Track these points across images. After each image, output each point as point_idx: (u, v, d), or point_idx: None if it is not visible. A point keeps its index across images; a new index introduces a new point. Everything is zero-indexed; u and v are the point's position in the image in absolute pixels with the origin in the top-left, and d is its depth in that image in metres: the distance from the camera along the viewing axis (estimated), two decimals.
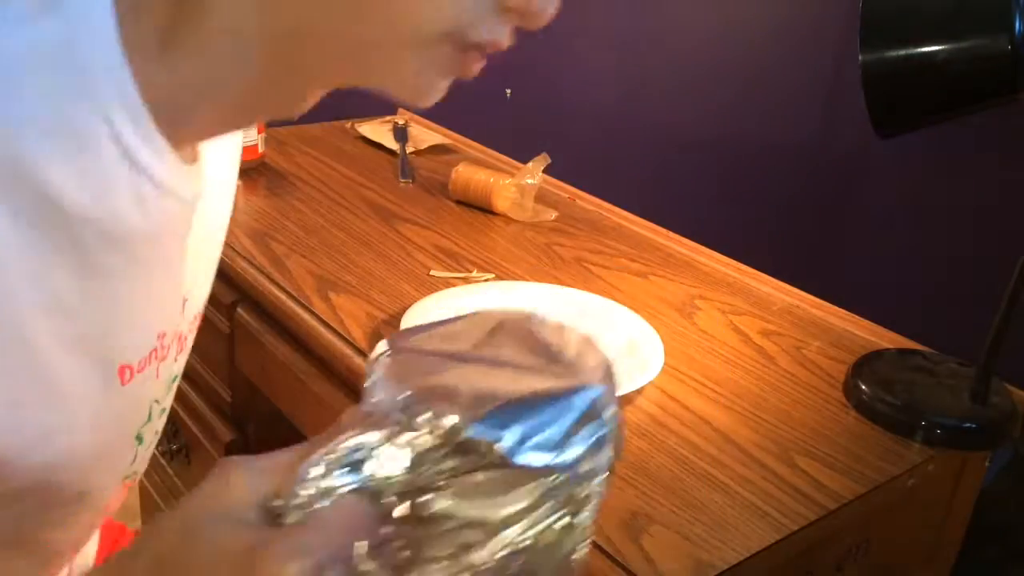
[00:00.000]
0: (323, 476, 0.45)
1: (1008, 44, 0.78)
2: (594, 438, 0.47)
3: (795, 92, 1.29)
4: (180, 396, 1.35)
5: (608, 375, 0.50)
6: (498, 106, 1.76)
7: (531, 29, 0.53)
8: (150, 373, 0.61)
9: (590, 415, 0.47)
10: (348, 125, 1.71)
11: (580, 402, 0.47)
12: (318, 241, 1.21)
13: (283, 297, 1.07)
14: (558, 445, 0.46)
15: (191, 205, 0.55)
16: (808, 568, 0.82)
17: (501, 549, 0.47)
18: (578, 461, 0.47)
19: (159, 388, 0.67)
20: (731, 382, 0.97)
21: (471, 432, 0.45)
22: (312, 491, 0.45)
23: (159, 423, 0.71)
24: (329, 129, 1.69)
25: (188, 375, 1.33)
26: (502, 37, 0.53)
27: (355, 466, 0.46)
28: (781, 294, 1.20)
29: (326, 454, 0.46)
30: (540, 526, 0.47)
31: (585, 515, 0.48)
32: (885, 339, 1.09)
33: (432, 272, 1.16)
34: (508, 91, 1.74)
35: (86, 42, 0.46)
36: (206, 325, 1.22)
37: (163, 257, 0.57)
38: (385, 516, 0.46)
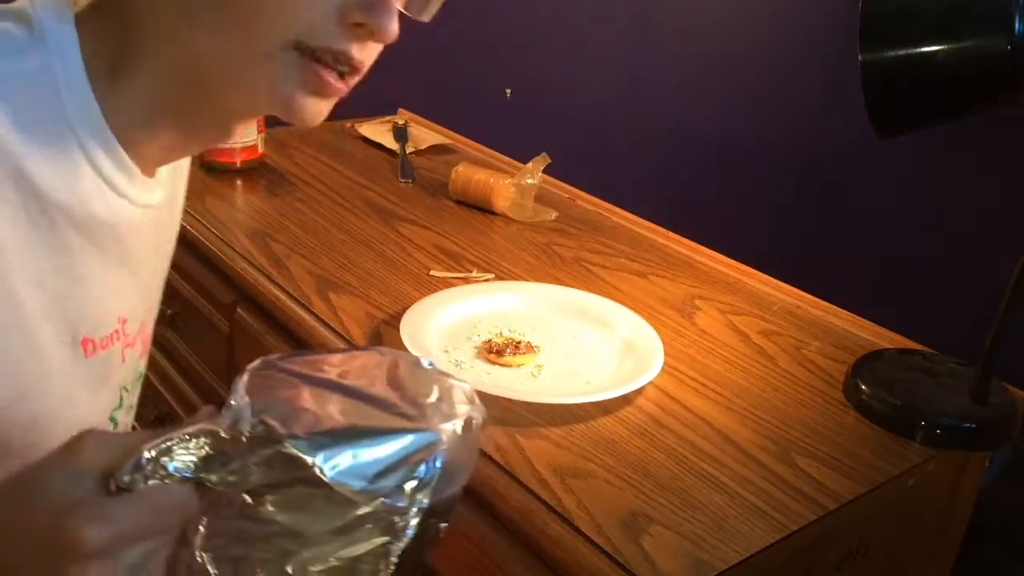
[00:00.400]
0: (154, 460, 0.49)
1: (1008, 44, 0.78)
2: (412, 476, 0.51)
3: (795, 92, 1.29)
4: (180, 396, 1.35)
5: (463, 428, 0.53)
6: (498, 106, 1.76)
7: (380, 43, 0.61)
8: (114, 353, 0.70)
9: (415, 457, 0.51)
10: (348, 125, 1.71)
11: (407, 442, 0.51)
12: (318, 241, 1.21)
13: (283, 297, 1.07)
14: (374, 475, 0.50)
15: (148, 211, 0.67)
16: (808, 568, 0.82)
17: (316, 563, 0.51)
18: (391, 494, 0.50)
19: (126, 374, 0.74)
20: (731, 382, 0.97)
21: (291, 447, 0.49)
22: (141, 471, 0.49)
23: (129, 418, 0.78)
24: (329, 129, 1.69)
25: (188, 375, 1.33)
26: (350, 49, 0.59)
27: (187, 458, 0.50)
28: (781, 294, 1.20)
29: (163, 442, 0.49)
30: (356, 549, 0.51)
31: (399, 546, 0.51)
32: (885, 339, 1.09)
33: (432, 272, 1.16)
34: (508, 91, 1.74)
35: (60, 70, 0.59)
36: (206, 325, 1.22)
37: (122, 250, 0.67)
38: (212, 509, 0.50)
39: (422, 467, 0.51)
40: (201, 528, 0.51)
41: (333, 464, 0.49)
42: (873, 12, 0.82)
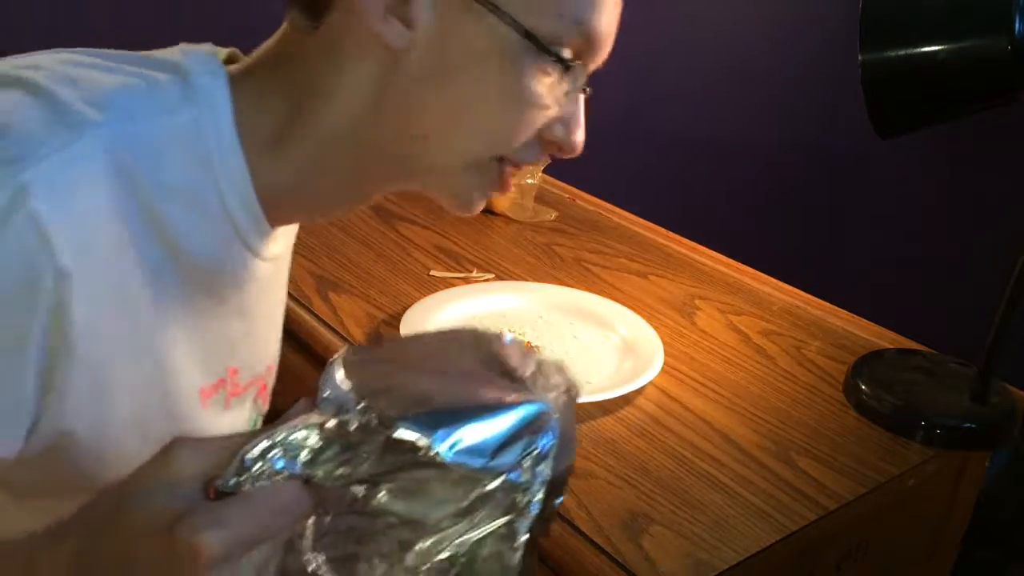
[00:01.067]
0: (259, 459, 0.46)
1: (1008, 44, 0.78)
2: (530, 449, 0.48)
3: (795, 92, 1.29)
4: None
5: (566, 399, 0.51)
6: None
7: (566, 157, 0.66)
8: (217, 401, 0.70)
9: (530, 428, 0.48)
10: None
11: (521, 415, 0.48)
12: (318, 241, 1.21)
13: None
14: (492, 452, 0.47)
15: (269, 264, 0.67)
16: (808, 568, 0.82)
17: (437, 553, 0.48)
18: (512, 469, 0.48)
19: (232, 422, 0.73)
20: (731, 382, 0.97)
21: (403, 428, 0.46)
22: (247, 473, 0.46)
23: None
24: None
25: None
26: (538, 159, 0.65)
27: (293, 454, 0.47)
28: (781, 294, 1.20)
29: (266, 440, 0.47)
30: (477, 532, 0.49)
31: (524, 524, 0.49)
32: (885, 339, 1.09)
33: (432, 272, 1.16)
34: None
35: (212, 128, 0.59)
36: None
37: (241, 301, 0.68)
38: (321, 506, 0.47)
39: (540, 438, 0.49)
40: (309, 529, 0.49)
41: (450, 444, 0.47)
42: (873, 12, 0.82)
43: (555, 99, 0.61)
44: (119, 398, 0.60)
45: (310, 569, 0.49)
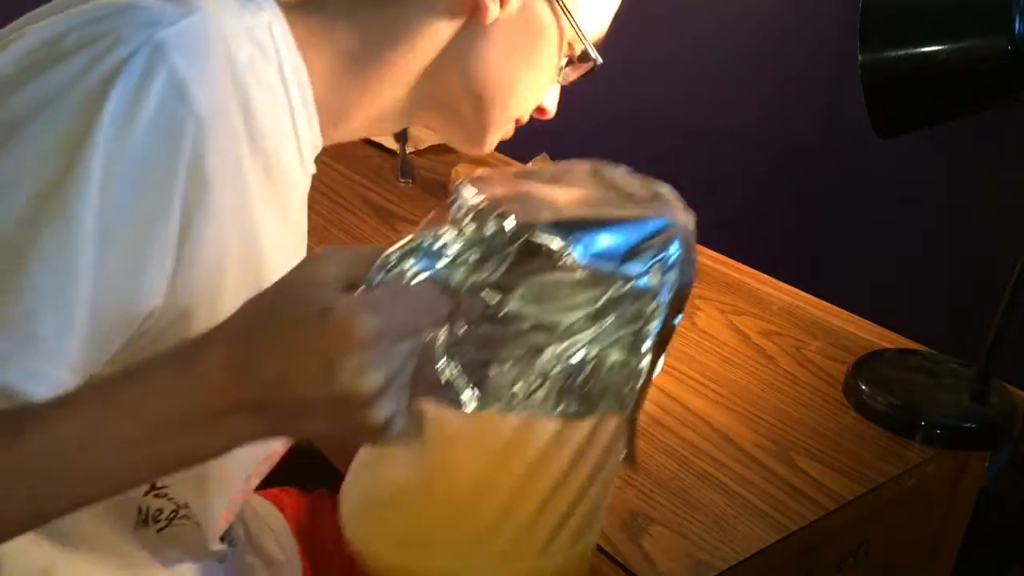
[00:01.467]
0: (401, 261, 0.49)
1: (1008, 44, 0.78)
2: (659, 257, 0.50)
3: (795, 92, 1.29)
4: None
5: (685, 219, 0.53)
6: None
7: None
8: None
9: (658, 239, 0.50)
10: None
11: (649, 226, 0.50)
12: (318, 241, 1.21)
13: None
14: (623, 257, 0.49)
15: (308, 181, 0.75)
16: (808, 568, 0.82)
17: (568, 357, 0.50)
18: (641, 276, 0.50)
19: None
20: (731, 382, 0.97)
21: (541, 232, 0.48)
22: (390, 274, 0.49)
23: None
24: None
25: None
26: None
27: (432, 258, 0.49)
28: (781, 294, 1.20)
29: (406, 244, 0.50)
30: (607, 338, 0.50)
31: (652, 331, 0.51)
32: (885, 339, 1.09)
33: None
34: None
35: (281, 36, 0.65)
36: None
37: (285, 208, 0.71)
38: (455, 313, 0.50)
39: (668, 248, 0.51)
40: (442, 337, 0.50)
41: (584, 247, 0.48)
42: (873, 12, 0.82)
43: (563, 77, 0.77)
44: (230, 286, 0.62)
45: (443, 379, 0.50)
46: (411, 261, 0.49)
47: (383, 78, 0.70)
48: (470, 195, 0.51)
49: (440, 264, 0.49)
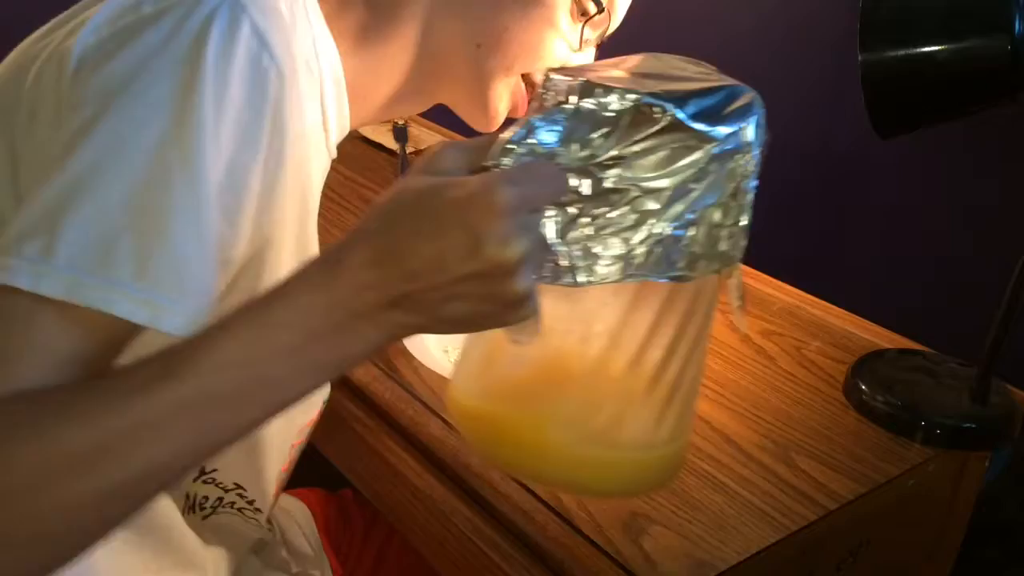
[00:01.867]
0: (520, 142, 0.53)
1: (1008, 44, 0.78)
2: (749, 116, 0.56)
3: (795, 92, 1.29)
4: None
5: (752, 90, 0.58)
6: None
7: None
8: None
9: (740, 101, 0.56)
10: None
11: (733, 92, 0.56)
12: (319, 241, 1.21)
13: None
14: (720, 119, 0.54)
15: (329, 165, 0.76)
16: (808, 568, 0.82)
17: (675, 218, 0.54)
18: (735, 133, 0.55)
19: None
20: (731, 382, 0.97)
21: (646, 97, 0.53)
22: (510, 155, 0.52)
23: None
24: None
25: None
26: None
27: (546, 136, 0.53)
28: (781, 294, 1.20)
29: (519, 128, 0.53)
30: (709, 197, 0.55)
31: (749, 184, 0.57)
32: (885, 339, 1.09)
33: None
34: None
35: (314, 14, 0.67)
36: None
37: (308, 193, 0.73)
38: (567, 183, 0.53)
39: (753, 109, 0.56)
40: (555, 218, 0.53)
41: (686, 111, 0.53)
42: (873, 12, 0.82)
43: (574, 37, 0.75)
44: (288, 240, 0.67)
45: (561, 260, 0.54)
46: (528, 142, 0.53)
47: (392, 44, 0.72)
48: (563, 81, 0.55)
49: (552, 141, 0.53)
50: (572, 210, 0.54)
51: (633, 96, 0.53)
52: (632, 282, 0.56)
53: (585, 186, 0.53)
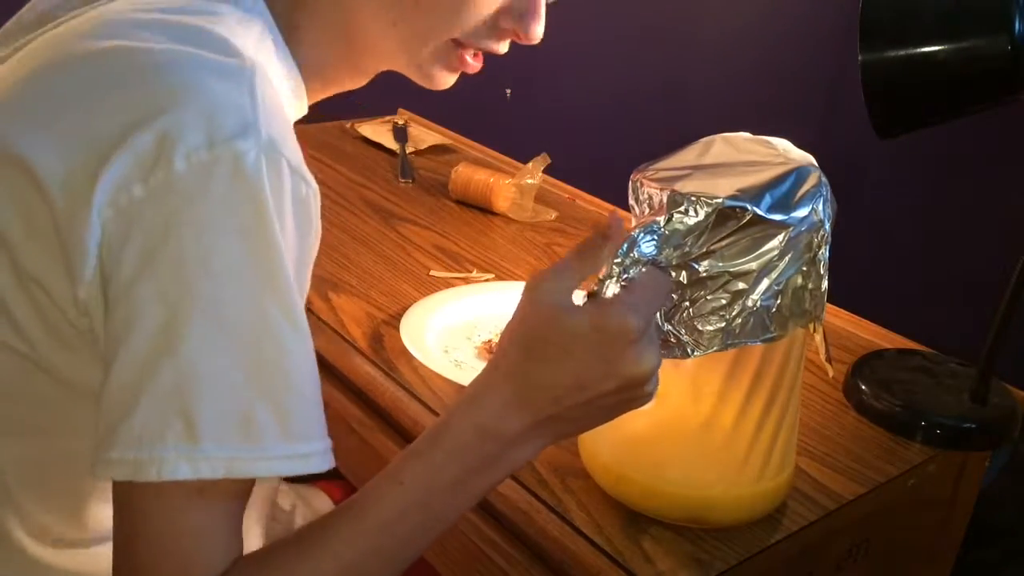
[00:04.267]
0: (623, 258, 0.62)
1: (1008, 44, 0.78)
2: (816, 197, 0.65)
3: (795, 92, 1.29)
4: None
5: (812, 162, 0.68)
6: (498, 106, 1.76)
7: (524, 43, 0.75)
8: None
9: (808, 183, 0.65)
10: (348, 125, 1.71)
11: (800, 177, 0.65)
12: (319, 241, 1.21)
13: None
14: (792, 206, 0.64)
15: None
16: (808, 568, 0.82)
17: (763, 292, 0.65)
18: (807, 216, 0.64)
19: None
20: None
21: (727, 203, 0.62)
22: (618, 268, 0.61)
23: None
24: (329, 129, 1.69)
25: None
26: (497, 48, 0.75)
27: (644, 248, 0.62)
28: None
29: (624, 242, 0.62)
30: (790, 270, 0.65)
31: (823, 253, 0.66)
32: (885, 339, 1.09)
33: (432, 272, 1.16)
34: (508, 91, 1.74)
35: (270, 25, 0.68)
36: None
37: None
38: (671, 283, 0.64)
39: (820, 189, 0.65)
40: (668, 303, 0.64)
41: (760, 205, 0.63)
42: (873, 12, 0.82)
43: None
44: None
45: (670, 340, 0.65)
46: (632, 255, 0.62)
47: (321, 35, 0.72)
48: (654, 192, 0.66)
49: (651, 252, 0.62)
50: (675, 297, 0.64)
51: (716, 202, 0.62)
52: (733, 348, 0.66)
53: (683, 276, 0.64)
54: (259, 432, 0.56)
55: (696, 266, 0.64)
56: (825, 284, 0.67)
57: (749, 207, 0.62)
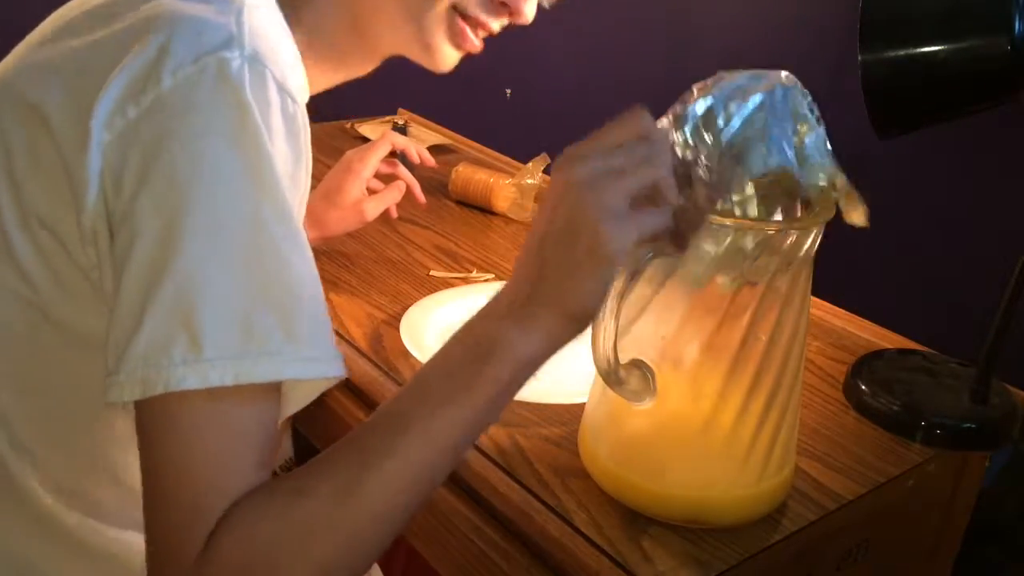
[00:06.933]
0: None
1: (1008, 44, 0.78)
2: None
3: None
4: None
5: (779, 77, 0.73)
6: (498, 106, 1.76)
7: (515, 23, 0.77)
8: None
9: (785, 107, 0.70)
10: (348, 125, 1.71)
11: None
12: (318, 240, 1.21)
13: None
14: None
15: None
16: (808, 568, 0.82)
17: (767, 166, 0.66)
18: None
19: None
20: None
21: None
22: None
23: None
24: (329, 129, 1.69)
25: None
26: (491, 23, 0.77)
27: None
28: None
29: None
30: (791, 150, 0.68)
31: (820, 132, 0.71)
32: (885, 339, 1.09)
33: (432, 272, 1.16)
34: (508, 91, 1.74)
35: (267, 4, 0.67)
36: None
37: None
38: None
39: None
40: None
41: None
42: (873, 12, 0.82)
43: None
44: None
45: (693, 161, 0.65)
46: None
47: (323, 7, 0.73)
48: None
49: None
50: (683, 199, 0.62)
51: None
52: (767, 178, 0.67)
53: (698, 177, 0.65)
54: (263, 335, 0.56)
55: (710, 161, 0.65)
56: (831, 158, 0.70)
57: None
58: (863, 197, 0.70)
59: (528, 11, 0.77)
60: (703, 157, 0.65)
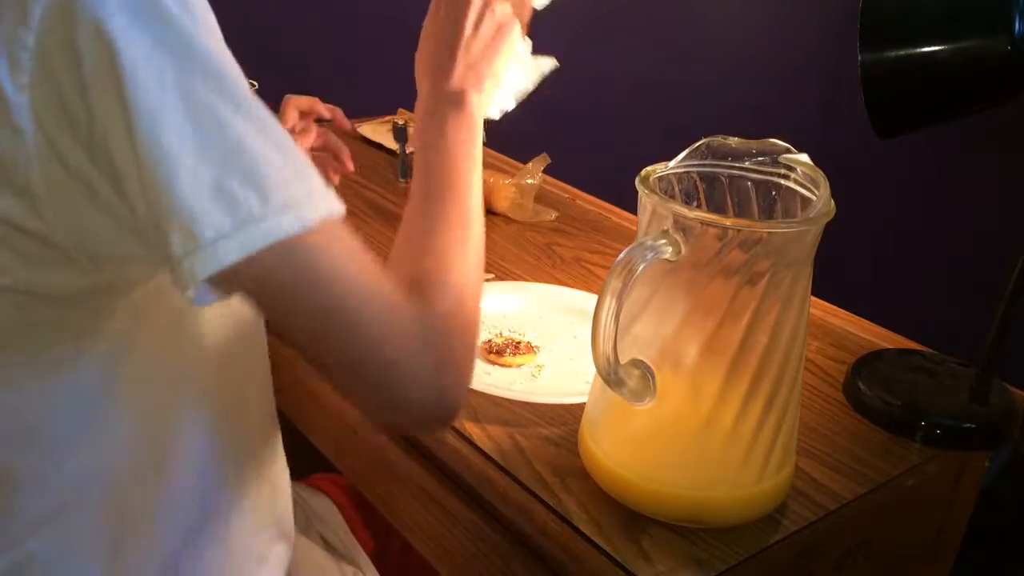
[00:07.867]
0: None
1: (1008, 44, 0.78)
2: None
3: (795, 92, 1.29)
4: None
5: None
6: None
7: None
8: None
9: None
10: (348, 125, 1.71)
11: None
12: None
13: None
14: None
15: None
16: (808, 568, 0.82)
17: None
18: None
19: None
20: None
21: None
22: None
23: None
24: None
25: None
26: None
27: None
28: None
29: None
30: None
31: None
32: (885, 339, 1.09)
33: None
34: None
35: None
36: None
37: None
38: None
39: None
40: None
41: None
42: (873, 12, 0.82)
43: None
44: None
45: None
46: None
47: None
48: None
49: None
50: None
51: None
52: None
53: None
54: (238, 202, 0.57)
55: None
56: None
57: None
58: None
59: None
60: None
